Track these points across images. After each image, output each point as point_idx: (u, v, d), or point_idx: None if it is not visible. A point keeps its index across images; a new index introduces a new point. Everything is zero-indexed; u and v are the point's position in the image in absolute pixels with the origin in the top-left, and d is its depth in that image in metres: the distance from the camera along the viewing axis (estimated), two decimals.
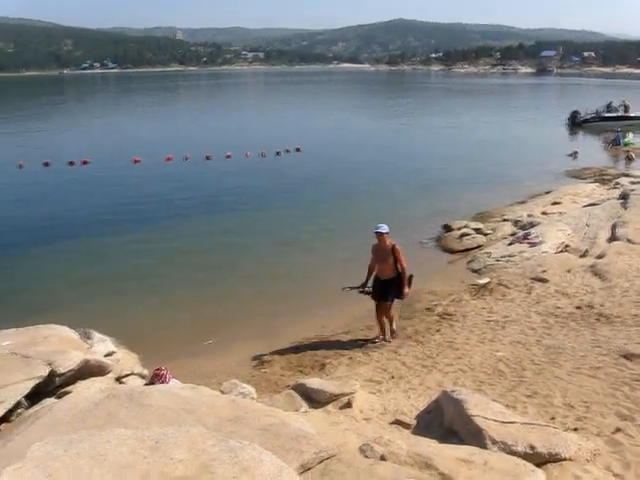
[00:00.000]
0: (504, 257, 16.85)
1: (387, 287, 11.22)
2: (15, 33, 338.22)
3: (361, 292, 11.72)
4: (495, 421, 6.80)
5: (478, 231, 19.90)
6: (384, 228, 11.12)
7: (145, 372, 9.09)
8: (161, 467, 4.22)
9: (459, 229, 19.95)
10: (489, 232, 20.07)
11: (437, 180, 29.15)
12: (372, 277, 11.56)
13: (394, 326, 11.69)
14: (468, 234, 19.52)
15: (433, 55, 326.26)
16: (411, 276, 11.27)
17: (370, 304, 11.86)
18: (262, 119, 62.90)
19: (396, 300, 11.58)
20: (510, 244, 18.15)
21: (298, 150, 37.54)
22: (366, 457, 5.93)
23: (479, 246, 19.00)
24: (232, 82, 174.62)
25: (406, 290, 11.21)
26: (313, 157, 36.14)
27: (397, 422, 7.93)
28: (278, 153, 36.73)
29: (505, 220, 21.42)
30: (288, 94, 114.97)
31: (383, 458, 5.91)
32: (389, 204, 24.35)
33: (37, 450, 4.40)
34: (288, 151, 37.23)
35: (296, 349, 11.73)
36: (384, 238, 11.08)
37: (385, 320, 11.54)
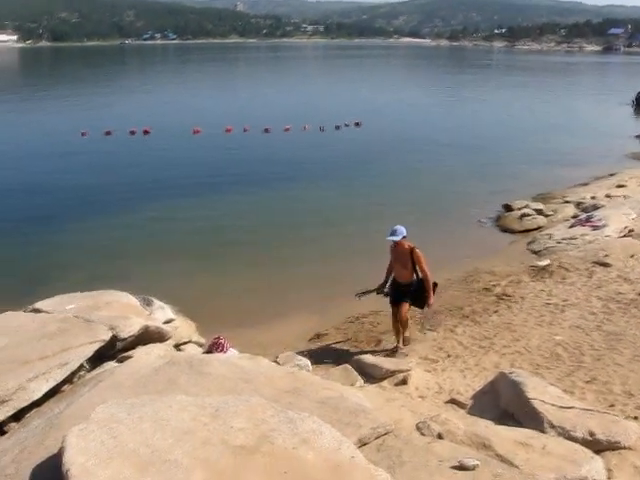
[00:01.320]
0: (565, 239, 16.50)
1: (404, 291, 9.90)
2: (79, 3, 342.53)
3: (379, 293, 10.50)
4: (553, 405, 6.72)
5: (539, 212, 19.51)
6: (398, 233, 9.61)
7: (202, 340, 9.21)
8: (221, 435, 4.26)
9: (519, 209, 19.58)
10: (550, 213, 19.66)
11: (497, 158, 28.70)
12: (390, 279, 10.34)
13: (407, 333, 10.31)
14: (528, 215, 19.15)
15: (496, 31, 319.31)
16: (435, 284, 9.99)
17: None
18: (321, 92, 62.68)
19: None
20: (572, 226, 17.76)
21: (357, 125, 37.32)
22: (423, 435, 5.92)
23: (539, 227, 18.64)
24: (291, 55, 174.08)
25: (431, 300, 9.86)
26: (372, 132, 35.82)
27: (452, 401, 7.90)
28: (337, 127, 36.53)
29: (567, 202, 20.97)
30: (347, 68, 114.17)
31: (440, 436, 5.90)
32: (449, 181, 24.13)
33: (101, 412, 4.48)
34: (347, 125, 37.04)
35: (351, 324, 11.73)
36: (401, 244, 9.69)
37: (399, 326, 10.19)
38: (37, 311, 8.22)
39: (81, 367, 6.84)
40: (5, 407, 5.90)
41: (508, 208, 20.00)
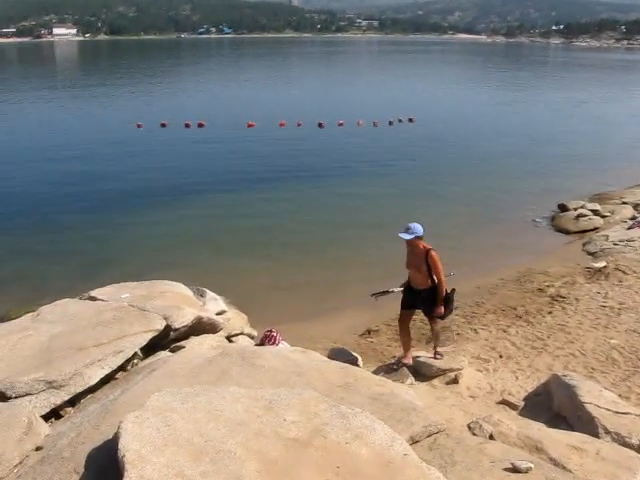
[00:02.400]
0: (622, 241, 16.16)
1: (419, 299, 8.74)
2: None
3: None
4: (608, 410, 6.61)
5: (595, 213, 19.14)
6: (413, 231, 8.50)
7: (254, 333, 9.26)
8: (274, 427, 4.26)
9: (575, 209, 19.22)
10: (607, 214, 19.26)
11: (554, 157, 28.18)
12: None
13: (437, 344, 9.24)
14: (585, 215, 18.79)
15: (554, 27, 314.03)
16: (452, 290, 8.81)
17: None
18: (374, 87, 62.41)
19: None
20: (629, 228, 17.39)
21: (411, 120, 37.12)
22: (474, 435, 5.86)
23: (596, 228, 18.30)
24: (346, 50, 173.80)
25: (440, 309, 8.59)
26: (426, 128, 35.61)
27: (504, 402, 7.81)
28: (390, 123, 36.34)
29: (625, 203, 20.50)
30: (401, 63, 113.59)
31: (492, 437, 5.83)
32: (503, 179, 23.87)
33: (156, 400, 4.53)
34: (401, 121, 36.85)
35: None
36: (415, 243, 8.55)
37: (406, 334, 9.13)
38: (92, 299, 8.36)
39: (135, 355, 6.94)
40: (61, 392, 6.02)
41: (564, 208, 19.64)
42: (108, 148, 29.54)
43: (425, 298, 8.64)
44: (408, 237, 8.49)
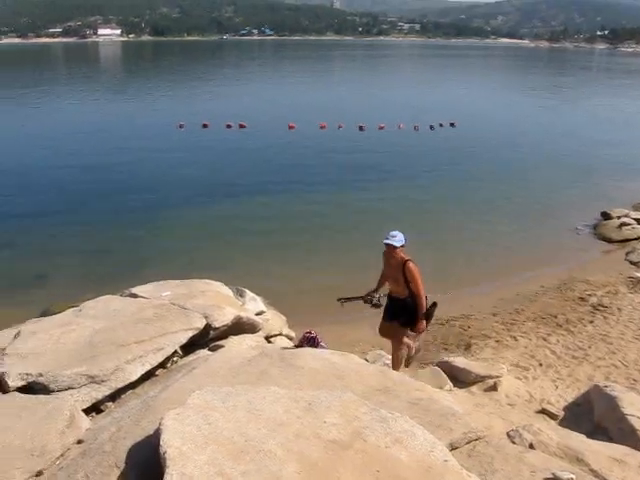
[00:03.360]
0: None
1: (399, 308, 7.98)
2: None
3: (366, 302, 8.44)
4: None
5: (639, 221, 18.80)
6: (397, 240, 7.80)
7: (292, 334, 9.27)
8: (314, 429, 4.25)
9: (619, 218, 18.94)
10: None
11: (598, 164, 27.78)
12: (383, 289, 8.50)
13: (412, 352, 8.46)
14: (628, 224, 18.49)
15: (598, 33, 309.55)
16: (433, 305, 8.10)
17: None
18: (415, 91, 62.20)
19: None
20: None
21: (452, 125, 36.82)
22: (514, 443, 5.78)
23: (639, 237, 17.96)
24: (387, 53, 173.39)
25: (421, 325, 7.88)
26: (467, 133, 35.29)
27: (543, 411, 7.72)
28: (432, 127, 36.08)
29: None
30: (443, 68, 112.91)
31: (531, 446, 5.75)
32: (546, 186, 23.58)
33: (197, 398, 4.56)
34: (442, 125, 36.57)
35: (441, 326, 11.61)
36: (397, 253, 7.80)
37: (399, 351, 8.30)
38: (134, 296, 8.46)
39: (174, 353, 7.01)
40: (103, 387, 6.11)
41: (607, 216, 19.36)
42: (150, 148, 29.87)
43: (403, 308, 7.91)
44: (396, 244, 7.73)
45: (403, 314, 7.91)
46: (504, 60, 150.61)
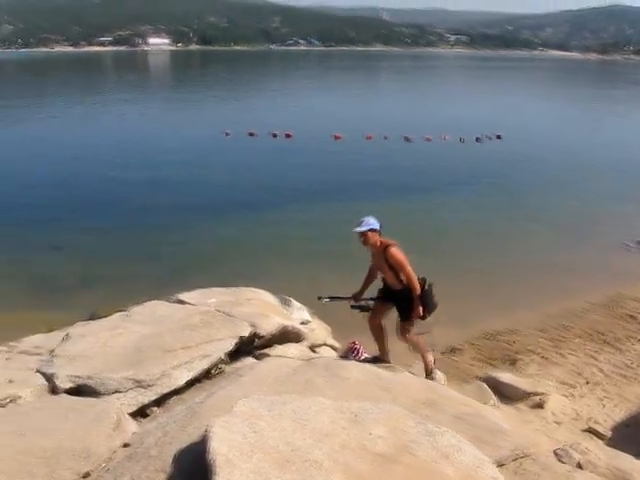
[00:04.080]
0: None
1: (394, 298, 7.49)
2: (229, 9, 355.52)
3: (353, 307, 8.02)
4: None
5: None
6: (364, 224, 7.36)
7: (336, 344, 9.24)
8: (361, 440, 4.22)
9: None
10: None
11: None
12: (367, 286, 8.01)
13: (429, 360, 7.94)
14: None
15: None
16: (430, 286, 7.50)
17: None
18: (462, 102, 61.74)
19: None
20: None
21: (499, 137, 36.46)
22: (561, 462, 5.67)
23: None
24: (434, 64, 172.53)
25: (417, 311, 7.28)
26: (514, 146, 34.82)
27: (590, 430, 7.57)
28: (478, 139, 35.79)
29: None
30: (491, 79, 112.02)
31: (579, 466, 5.63)
32: (594, 199, 23.18)
33: (243, 406, 4.56)
34: (489, 138, 36.23)
35: (487, 341, 11.47)
36: (369, 237, 7.34)
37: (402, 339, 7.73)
38: (180, 302, 8.54)
39: (220, 360, 7.02)
40: (149, 391, 6.18)
41: None
42: (196, 155, 30.28)
43: (400, 298, 7.37)
44: (361, 229, 7.26)
45: (399, 304, 7.40)
46: (552, 72, 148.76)
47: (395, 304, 7.52)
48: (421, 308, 7.28)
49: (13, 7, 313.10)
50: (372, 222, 7.35)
